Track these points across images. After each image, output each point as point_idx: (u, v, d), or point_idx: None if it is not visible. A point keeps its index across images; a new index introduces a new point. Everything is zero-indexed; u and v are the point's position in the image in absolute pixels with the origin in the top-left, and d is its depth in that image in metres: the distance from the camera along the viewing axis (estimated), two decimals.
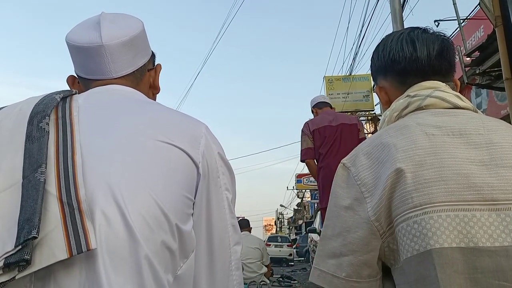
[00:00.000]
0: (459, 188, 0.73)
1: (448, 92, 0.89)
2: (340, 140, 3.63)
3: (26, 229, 0.59)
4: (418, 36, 0.94)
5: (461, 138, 0.79)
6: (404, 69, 0.94)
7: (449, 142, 0.78)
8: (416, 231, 0.72)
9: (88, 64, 0.90)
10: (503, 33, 3.59)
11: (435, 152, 0.77)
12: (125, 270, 0.64)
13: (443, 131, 0.80)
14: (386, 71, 0.98)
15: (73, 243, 0.60)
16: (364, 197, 0.79)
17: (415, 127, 0.82)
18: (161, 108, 0.86)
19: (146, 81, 0.97)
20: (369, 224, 0.77)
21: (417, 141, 0.79)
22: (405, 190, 0.74)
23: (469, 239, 0.70)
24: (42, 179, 0.64)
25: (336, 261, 0.81)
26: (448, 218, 0.71)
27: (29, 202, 0.62)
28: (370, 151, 0.84)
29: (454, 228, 0.70)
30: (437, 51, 0.93)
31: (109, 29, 0.89)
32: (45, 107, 0.74)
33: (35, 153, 0.68)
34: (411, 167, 0.75)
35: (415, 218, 0.72)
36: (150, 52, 0.99)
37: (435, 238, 0.70)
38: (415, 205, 0.73)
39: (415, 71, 0.94)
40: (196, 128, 0.82)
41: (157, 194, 0.70)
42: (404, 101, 0.91)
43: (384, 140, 0.83)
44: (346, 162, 0.87)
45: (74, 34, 0.90)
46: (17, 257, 0.58)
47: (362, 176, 0.81)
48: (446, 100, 0.88)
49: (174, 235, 0.71)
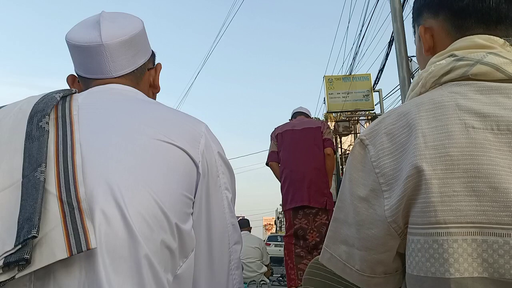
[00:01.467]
0: (493, 207, 0.59)
1: (506, 58, 0.69)
2: (302, 143, 3.71)
3: (26, 229, 0.59)
4: None
5: (507, 136, 0.62)
6: (466, 8, 0.75)
7: (491, 142, 0.62)
8: (435, 252, 0.61)
9: (88, 63, 0.90)
10: None
11: (471, 155, 0.62)
12: (125, 269, 0.64)
13: (487, 124, 0.63)
14: (440, 7, 0.78)
15: (73, 243, 0.60)
16: (382, 190, 0.68)
17: (454, 112, 0.65)
18: (161, 107, 0.86)
19: (146, 80, 0.97)
20: (385, 224, 0.67)
21: (452, 134, 0.63)
22: (429, 200, 0.62)
23: (494, 269, 0.58)
24: (42, 178, 0.64)
25: (348, 249, 0.73)
26: (474, 243, 0.59)
27: (29, 202, 0.62)
28: (395, 131, 0.69)
29: (479, 255, 0.59)
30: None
31: (109, 28, 0.89)
32: (45, 106, 0.74)
33: (35, 152, 0.68)
34: (440, 172, 0.62)
35: (436, 237, 0.61)
36: (150, 51, 0.99)
37: (456, 266, 0.60)
38: (439, 221, 0.61)
39: (478, 14, 0.74)
40: (196, 128, 0.82)
41: (157, 193, 0.70)
42: (446, 63, 0.72)
43: (412, 120, 0.67)
44: (364, 138, 0.72)
45: (74, 33, 0.90)
46: (17, 256, 0.58)
47: (382, 164, 0.68)
48: (500, 69, 0.68)
49: (174, 235, 0.71)
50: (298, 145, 3.70)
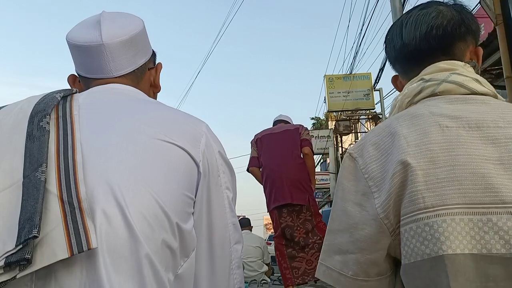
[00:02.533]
0: (474, 190, 0.67)
1: (466, 76, 0.81)
2: (281, 143, 3.77)
3: (26, 228, 0.59)
4: (409, 19, 0.89)
5: (478, 131, 0.72)
6: (397, 58, 0.91)
7: (464, 137, 0.72)
8: (428, 234, 0.67)
9: (89, 63, 0.90)
10: (504, 31, 3.58)
11: (449, 148, 0.71)
12: (126, 269, 0.64)
13: (459, 123, 0.73)
14: (391, 61, 0.95)
15: (74, 242, 0.60)
16: (372, 191, 0.74)
17: (428, 117, 0.75)
18: (161, 107, 0.86)
19: (147, 80, 0.97)
20: (378, 222, 0.73)
21: (430, 134, 0.73)
22: (416, 189, 0.69)
23: (482, 245, 0.65)
24: (42, 178, 0.64)
25: (342, 257, 0.78)
26: (462, 222, 0.66)
27: (29, 202, 0.62)
28: (379, 141, 0.78)
29: (467, 233, 0.66)
30: (424, 33, 0.86)
31: (110, 28, 0.89)
32: (45, 106, 0.74)
33: (35, 152, 0.68)
34: (423, 164, 0.70)
35: (426, 220, 0.67)
36: (150, 51, 0.99)
37: (448, 243, 0.66)
38: (427, 206, 0.68)
39: (407, 58, 0.89)
40: (197, 127, 0.82)
41: (158, 192, 0.70)
42: (417, 85, 0.84)
43: (393, 129, 0.76)
44: (353, 152, 0.81)
45: (75, 33, 0.91)
46: (18, 256, 0.58)
47: (370, 169, 0.76)
48: (463, 85, 0.80)
49: (175, 234, 0.71)
50: (277, 146, 3.77)
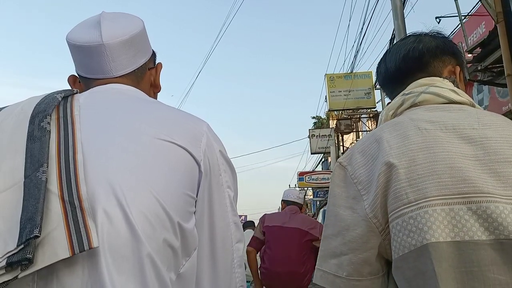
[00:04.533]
0: (453, 182, 0.72)
1: (444, 87, 0.90)
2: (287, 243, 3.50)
3: (28, 228, 0.59)
4: (391, 48, 1.03)
5: (454, 132, 0.79)
6: (383, 83, 1.04)
7: (442, 137, 0.78)
8: (412, 226, 0.72)
9: (89, 63, 0.90)
10: (505, 29, 3.58)
11: (427, 147, 0.77)
12: (128, 268, 0.64)
13: (436, 126, 0.80)
14: (381, 85, 1.07)
15: (75, 242, 0.60)
16: (361, 194, 0.79)
17: (408, 123, 0.82)
18: (162, 106, 0.86)
19: (147, 80, 0.97)
20: (367, 221, 0.77)
21: (409, 136, 0.79)
22: (399, 186, 0.74)
23: (464, 232, 0.70)
24: (43, 178, 0.64)
25: (337, 260, 0.81)
26: (443, 212, 0.71)
27: (31, 202, 0.62)
28: (365, 148, 0.84)
29: (449, 222, 0.70)
30: (403, 56, 0.98)
31: (110, 28, 0.89)
32: (46, 107, 0.74)
33: (36, 153, 0.68)
34: (404, 163, 0.76)
35: (410, 214, 0.72)
36: (150, 50, 0.99)
37: (431, 232, 0.70)
38: (410, 201, 0.73)
39: (390, 78, 1.02)
40: (198, 126, 0.82)
41: (159, 192, 0.70)
42: (399, 99, 0.93)
43: (378, 136, 0.83)
44: (342, 161, 0.87)
45: (75, 33, 0.91)
46: (20, 256, 0.58)
47: (358, 174, 0.81)
48: (440, 95, 0.88)
49: (176, 233, 0.71)
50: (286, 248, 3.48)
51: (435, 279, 0.69)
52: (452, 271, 0.69)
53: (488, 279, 0.68)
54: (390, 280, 0.81)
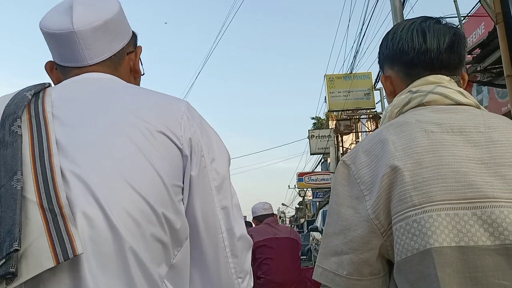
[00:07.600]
0: (458, 187, 0.72)
1: (451, 88, 0.88)
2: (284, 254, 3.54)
3: (7, 242, 0.57)
4: (429, 27, 0.90)
5: (460, 135, 0.78)
6: (412, 60, 0.91)
7: (448, 140, 0.77)
8: (416, 230, 0.71)
9: (62, 51, 0.85)
10: (504, 30, 3.58)
11: (433, 150, 0.76)
12: (113, 270, 0.63)
13: (443, 128, 0.79)
14: (394, 60, 0.95)
15: (59, 251, 0.58)
16: (364, 195, 0.79)
17: (415, 124, 0.81)
18: (138, 92, 0.82)
19: (126, 65, 0.91)
20: (369, 222, 0.77)
21: (415, 138, 0.78)
22: (404, 189, 0.74)
23: (469, 238, 0.69)
24: (18, 187, 0.61)
25: (338, 259, 0.81)
26: (448, 217, 0.70)
27: (8, 213, 0.59)
28: (370, 148, 0.83)
29: (454, 227, 0.70)
30: (447, 44, 0.89)
31: (81, 14, 0.83)
32: (15, 108, 0.71)
33: (9, 160, 0.64)
34: (409, 166, 0.75)
35: (414, 217, 0.72)
36: (130, 33, 0.93)
37: (435, 237, 0.70)
38: (414, 204, 0.72)
39: (423, 64, 0.91)
40: (175, 108, 0.78)
41: (140, 186, 0.68)
42: (405, 96, 0.90)
43: (383, 137, 0.82)
44: (346, 159, 0.86)
45: (47, 20, 0.85)
46: (3, 271, 0.56)
47: (361, 174, 0.81)
48: (447, 96, 0.86)
49: (163, 226, 0.69)
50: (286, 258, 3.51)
51: (438, 284, 0.68)
52: (456, 276, 0.68)
53: (493, 285, 0.67)
54: (391, 281, 0.81)
